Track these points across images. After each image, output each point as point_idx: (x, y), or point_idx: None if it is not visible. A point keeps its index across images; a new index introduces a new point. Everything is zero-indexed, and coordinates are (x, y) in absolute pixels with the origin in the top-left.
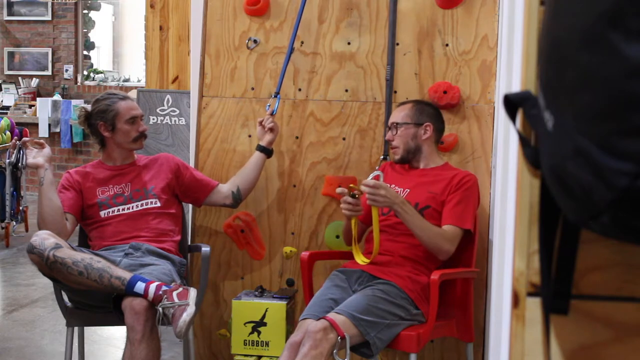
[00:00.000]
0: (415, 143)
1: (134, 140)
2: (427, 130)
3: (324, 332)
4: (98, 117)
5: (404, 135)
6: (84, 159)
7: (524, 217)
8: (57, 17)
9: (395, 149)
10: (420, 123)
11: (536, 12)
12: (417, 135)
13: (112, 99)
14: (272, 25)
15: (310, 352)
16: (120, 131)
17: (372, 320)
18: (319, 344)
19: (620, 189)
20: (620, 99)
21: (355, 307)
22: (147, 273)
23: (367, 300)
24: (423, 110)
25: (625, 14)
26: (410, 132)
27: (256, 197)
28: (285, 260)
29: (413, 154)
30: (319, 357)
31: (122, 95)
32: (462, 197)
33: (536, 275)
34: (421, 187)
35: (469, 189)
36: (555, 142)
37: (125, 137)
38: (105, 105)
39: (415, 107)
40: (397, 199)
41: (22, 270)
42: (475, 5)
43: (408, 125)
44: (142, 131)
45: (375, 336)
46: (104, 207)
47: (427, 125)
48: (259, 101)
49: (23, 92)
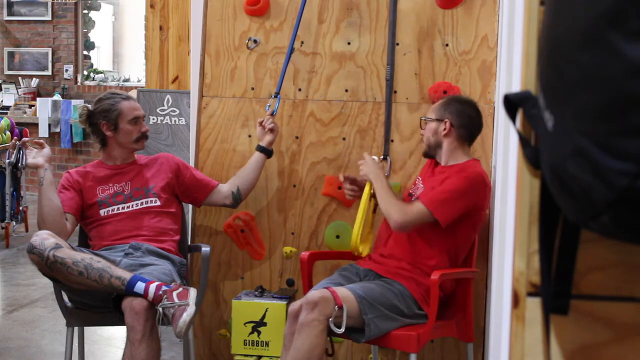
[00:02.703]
0: (436, 139)
1: (135, 141)
2: (445, 126)
3: (322, 300)
4: (100, 117)
5: (428, 130)
6: (84, 159)
7: (524, 217)
8: (57, 17)
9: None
10: (442, 119)
11: (536, 12)
12: (437, 131)
13: (115, 99)
14: (272, 25)
15: (307, 318)
16: (123, 131)
17: (374, 304)
18: (316, 309)
19: (620, 189)
20: (620, 99)
21: (361, 288)
22: (147, 273)
23: (374, 287)
24: (448, 106)
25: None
26: (432, 127)
27: (256, 196)
28: (285, 260)
29: (434, 150)
30: (315, 323)
31: (125, 95)
32: (450, 184)
33: (536, 275)
34: (430, 184)
35: (458, 179)
36: (555, 142)
37: (127, 137)
38: (109, 104)
39: (443, 102)
40: (374, 171)
41: (22, 270)
42: (475, 5)
43: (431, 120)
44: (144, 132)
45: (372, 319)
46: (103, 206)
47: (446, 121)
48: (259, 101)
49: (23, 92)
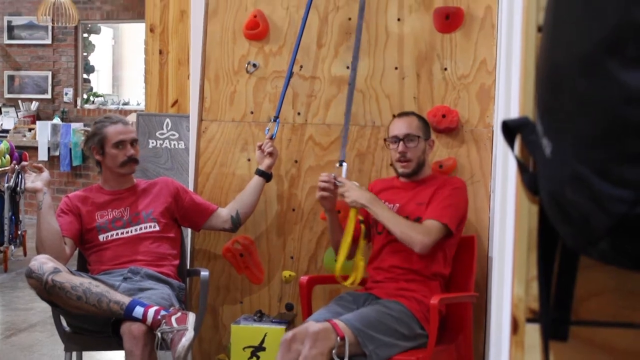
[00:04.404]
0: (424, 158)
1: (121, 165)
2: (431, 145)
3: (324, 332)
4: (90, 141)
5: (419, 150)
6: (84, 182)
7: (522, 242)
8: (57, 40)
9: (407, 162)
10: (428, 138)
11: (534, 39)
12: (425, 150)
13: (104, 123)
14: (272, 49)
15: (310, 352)
16: (109, 155)
17: (372, 334)
18: (319, 343)
19: (618, 216)
20: (617, 125)
21: (358, 319)
22: (145, 297)
23: (372, 314)
24: (427, 124)
25: (622, 42)
26: (422, 145)
27: (255, 220)
28: (284, 284)
29: (420, 168)
30: (318, 357)
31: (115, 119)
32: (446, 195)
33: (535, 301)
34: (411, 200)
35: (455, 190)
36: (554, 168)
37: (113, 161)
38: (96, 128)
39: (421, 120)
40: (365, 196)
41: (20, 295)
42: (474, 29)
43: (420, 139)
44: (129, 156)
45: (373, 350)
46: (103, 231)
47: (432, 141)
48: (258, 125)
49: (23, 115)
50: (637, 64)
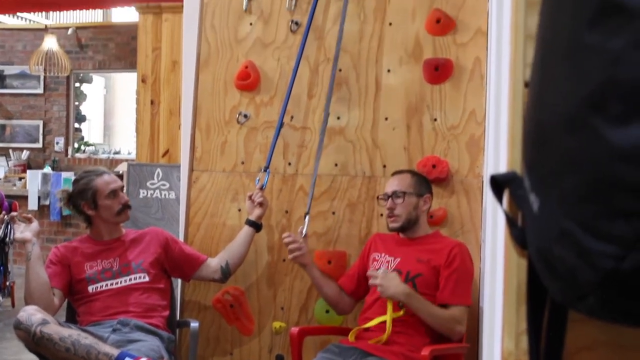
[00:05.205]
0: (416, 213)
1: (118, 214)
2: (426, 201)
3: None
4: (79, 198)
5: (408, 205)
6: (74, 231)
7: (511, 296)
8: (49, 90)
9: (395, 217)
10: (421, 194)
11: (521, 94)
12: (417, 206)
13: (89, 177)
14: (263, 100)
15: None
16: (103, 207)
17: None
18: None
19: (605, 271)
20: (603, 182)
21: None
22: (135, 349)
23: None
24: (422, 181)
25: (606, 99)
26: (413, 202)
27: (246, 271)
28: (274, 335)
29: (412, 224)
30: None
31: (99, 171)
32: (460, 273)
33: (525, 355)
34: (411, 256)
35: (463, 262)
36: (541, 225)
37: (108, 212)
38: (83, 184)
39: (415, 177)
40: (400, 287)
41: (7, 346)
42: (463, 80)
43: (411, 195)
44: (124, 203)
45: None
46: (92, 282)
47: (427, 197)
48: (249, 175)
49: (13, 164)
50: (620, 122)
